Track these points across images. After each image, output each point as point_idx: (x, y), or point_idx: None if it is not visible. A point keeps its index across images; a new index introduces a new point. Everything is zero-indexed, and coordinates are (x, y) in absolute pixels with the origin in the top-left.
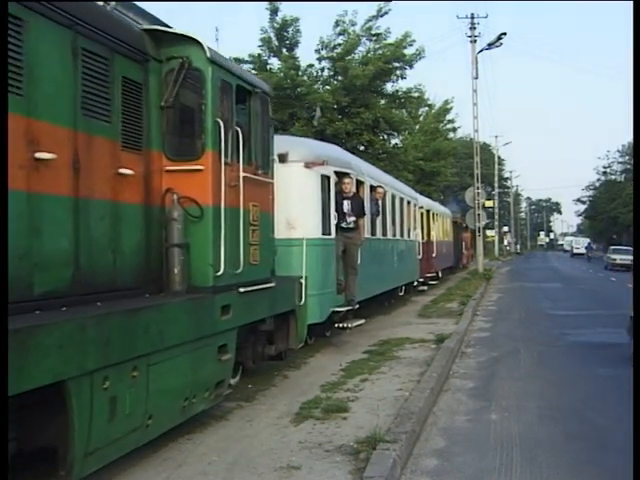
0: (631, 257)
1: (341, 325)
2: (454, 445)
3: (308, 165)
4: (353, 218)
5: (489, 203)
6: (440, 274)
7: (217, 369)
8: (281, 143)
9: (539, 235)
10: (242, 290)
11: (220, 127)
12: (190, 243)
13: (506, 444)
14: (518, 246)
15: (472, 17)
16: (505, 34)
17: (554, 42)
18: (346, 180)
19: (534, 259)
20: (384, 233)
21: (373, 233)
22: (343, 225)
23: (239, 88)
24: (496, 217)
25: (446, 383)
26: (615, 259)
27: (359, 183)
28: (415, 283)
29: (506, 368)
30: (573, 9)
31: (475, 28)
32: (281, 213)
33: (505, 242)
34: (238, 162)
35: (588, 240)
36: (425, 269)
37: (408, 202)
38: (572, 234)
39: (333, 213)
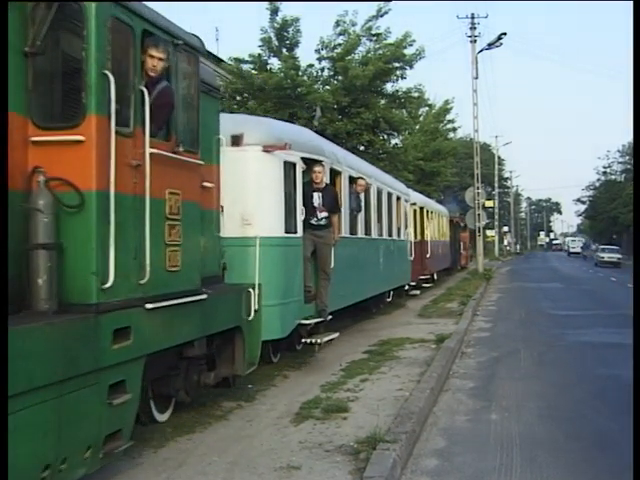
0: (617, 255)
1: (309, 340)
2: (454, 445)
3: (267, 149)
4: (325, 214)
5: (489, 203)
6: (435, 276)
7: (107, 417)
8: (235, 123)
9: (539, 235)
10: (150, 306)
11: (110, 83)
12: (64, 243)
13: (506, 444)
14: (517, 246)
15: (472, 17)
16: (505, 34)
17: (554, 42)
18: (316, 169)
19: (534, 259)
20: (367, 232)
21: (353, 232)
22: (313, 222)
23: (148, 35)
24: (496, 217)
25: (446, 383)
26: (603, 257)
27: (335, 173)
28: (407, 287)
29: (506, 368)
30: (573, 9)
31: (475, 28)
32: (235, 207)
33: (505, 242)
34: (143, 134)
35: (583, 240)
36: (418, 271)
37: (398, 198)
38: (572, 234)
39: (300, 207)
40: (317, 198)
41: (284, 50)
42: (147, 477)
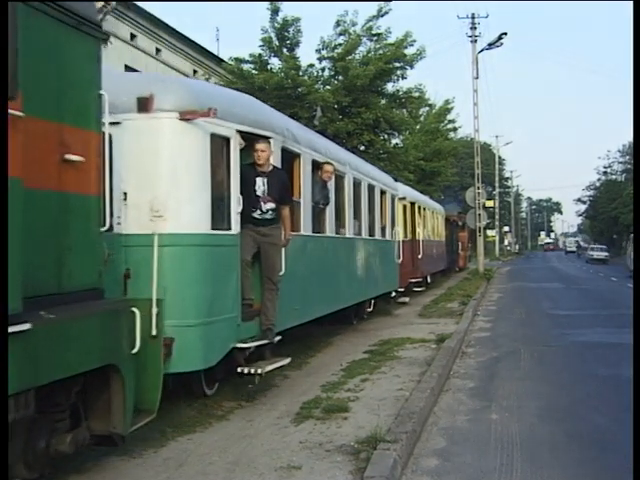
0: (604, 253)
1: (247, 370)
2: (454, 445)
3: (187, 116)
4: (271, 205)
5: (490, 203)
6: (429, 279)
7: None
8: (143, 81)
9: (540, 235)
10: None
11: None
12: None
13: (506, 444)
14: (517, 246)
15: (472, 17)
16: (506, 34)
17: (555, 42)
18: (259, 146)
19: (535, 259)
20: (339, 230)
21: (318, 229)
22: (256, 215)
23: None
24: (497, 217)
25: (447, 383)
26: (592, 255)
27: (292, 156)
28: (394, 294)
29: (507, 368)
30: (573, 9)
31: (475, 28)
32: (142, 193)
33: (506, 242)
34: None
35: (579, 240)
36: (408, 274)
37: (382, 191)
38: (572, 234)
39: (236, 196)
40: (261, 184)
41: (285, 50)
42: (147, 477)
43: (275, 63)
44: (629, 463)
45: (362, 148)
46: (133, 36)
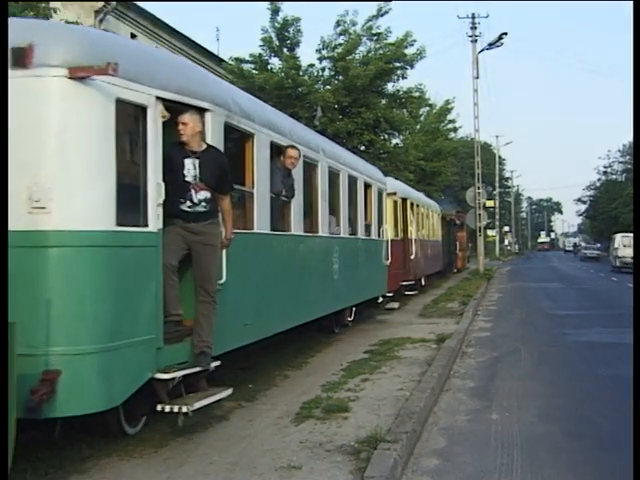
0: (596, 252)
1: (170, 408)
2: (455, 445)
3: (77, 73)
4: (206, 194)
5: (490, 203)
6: (423, 281)
7: None
8: (20, 29)
9: (540, 235)
10: None
11: None
12: None
13: (507, 444)
14: (516, 246)
15: (473, 17)
16: (506, 34)
17: (555, 41)
18: (182, 118)
19: (535, 259)
20: (311, 227)
21: (280, 227)
22: (185, 208)
23: None
24: (497, 217)
25: (447, 383)
26: (585, 253)
27: (243, 136)
28: (381, 299)
29: (507, 368)
30: (574, 9)
31: (476, 28)
32: (19, 177)
33: (506, 242)
34: None
35: (576, 240)
36: (399, 277)
37: (367, 185)
38: (572, 234)
39: (155, 182)
40: (192, 168)
41: (285, 50)
42: (148, 477)
43: (275, 63)
44: (629, 463)
45: (362, 148)
46: (133, 36)
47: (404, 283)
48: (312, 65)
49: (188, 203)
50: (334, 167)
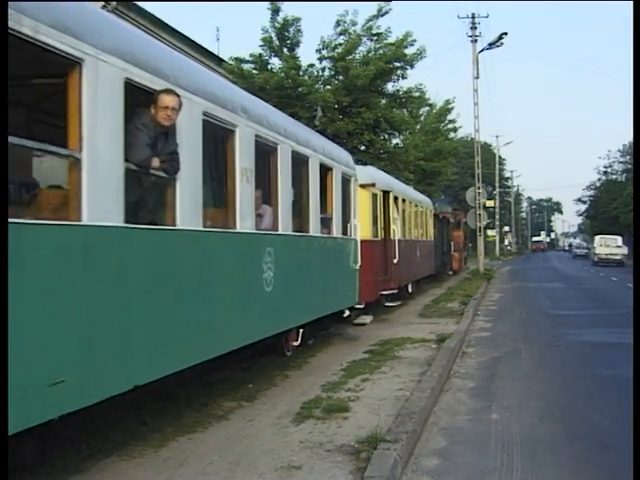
0: (585, 250)
1: None
2: (455, 445)
3: None
4: None
5: (490, 203)
6: (410, 288)
7: None
8: None
9: (540, 235)
10: None
11: None
12: None
13: (507, 444)
14: (515, 246)
15: (473, 17)
16: (506, 34)
17: (555, 41)
18: None
19: (535, 259)
20: (219, 220)
21: (148, 217)
22: None
23: None
24: (497, 217)
25: (447, 383)
26: (577, 252)
27: (60, 62)
28: (347, 312)
29: (507, 368)
30: (574, 9)
31: (476, 28)
32: None
33: (506, 242)
34: None
35: (571, 240)
36: (377, 285)
37: (326, 167)
38: (572, 234)
39: None
40: None
41: (285, 50)
42: (148, 477)
43: (275, 63)
44: (629, 463)
45: (362, 148)
46: None
47: (385, 292)
48: (312, 65)
49: None
50: (265, 136)
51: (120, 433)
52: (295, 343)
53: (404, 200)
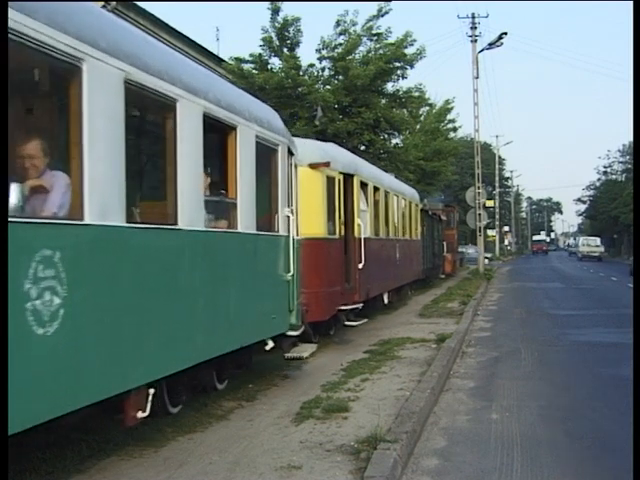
0: (601, 250)
1: None
2: (455, 445)
3: None
4: None
5: (490, 203)
6: (386, 299)
7: None
8: None
9: (540, 234)
10: None
11: None
12: None
13: (507, 444)
14: (514, 245)
15: (473, 17)
16: (506, 34)
17: (555, 41)
18: None
19: (534, 259)
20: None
21: None
22: None
23: None
24: (497, 217)
25: (447, 383)
26: (571, 250)
27: None
28: (271, 344)
29: (507, 368)
30: (574, 9)
31: (476, 28)
32: None
33: (506, 242)
34: None
35: (569, 240)
36: (332, 300)
37: (221, 124)
38: (572, 234)
39: None
40: None
41: (285, 50)
42: (148, 477)
43: (275, 63)
44: (629, 463)
45: (362, 148)
46: None
47: (344, 308)
48: (312, 65)
49: None
50: (143, 83)
51: (120, 433)
52: (141, 414)
53: (377, 188)
